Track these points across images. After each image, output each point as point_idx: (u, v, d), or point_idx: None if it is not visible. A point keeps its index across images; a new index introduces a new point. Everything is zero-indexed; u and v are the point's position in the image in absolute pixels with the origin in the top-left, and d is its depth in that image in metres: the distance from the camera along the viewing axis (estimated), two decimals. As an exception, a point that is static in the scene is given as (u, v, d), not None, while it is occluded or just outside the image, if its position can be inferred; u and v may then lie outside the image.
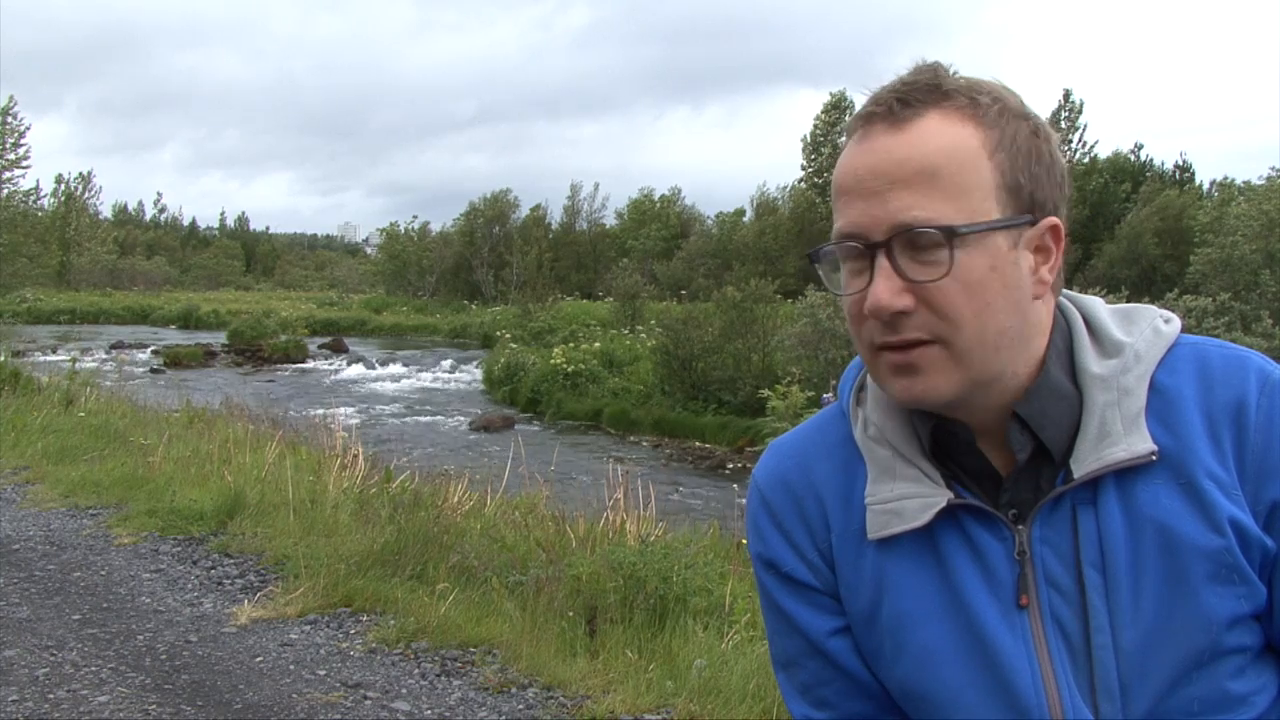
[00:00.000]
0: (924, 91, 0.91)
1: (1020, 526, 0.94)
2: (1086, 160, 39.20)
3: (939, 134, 0.89)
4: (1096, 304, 1.01)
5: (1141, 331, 0.96)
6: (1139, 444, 0.90)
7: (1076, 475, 0.91)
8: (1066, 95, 41.01)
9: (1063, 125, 39.99)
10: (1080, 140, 40.19)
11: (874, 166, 0.90)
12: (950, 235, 0.87)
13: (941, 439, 0.97)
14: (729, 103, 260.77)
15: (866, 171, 0.90)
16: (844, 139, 0.96)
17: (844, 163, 0.94)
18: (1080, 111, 40.78)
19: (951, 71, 0.93)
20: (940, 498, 0.95)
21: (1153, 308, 1.01)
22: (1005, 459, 0.96)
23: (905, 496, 0.96)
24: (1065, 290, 1.01)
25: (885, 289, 0.88)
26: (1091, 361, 0.95)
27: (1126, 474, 0.91)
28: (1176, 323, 0.98)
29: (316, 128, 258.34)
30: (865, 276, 0.91)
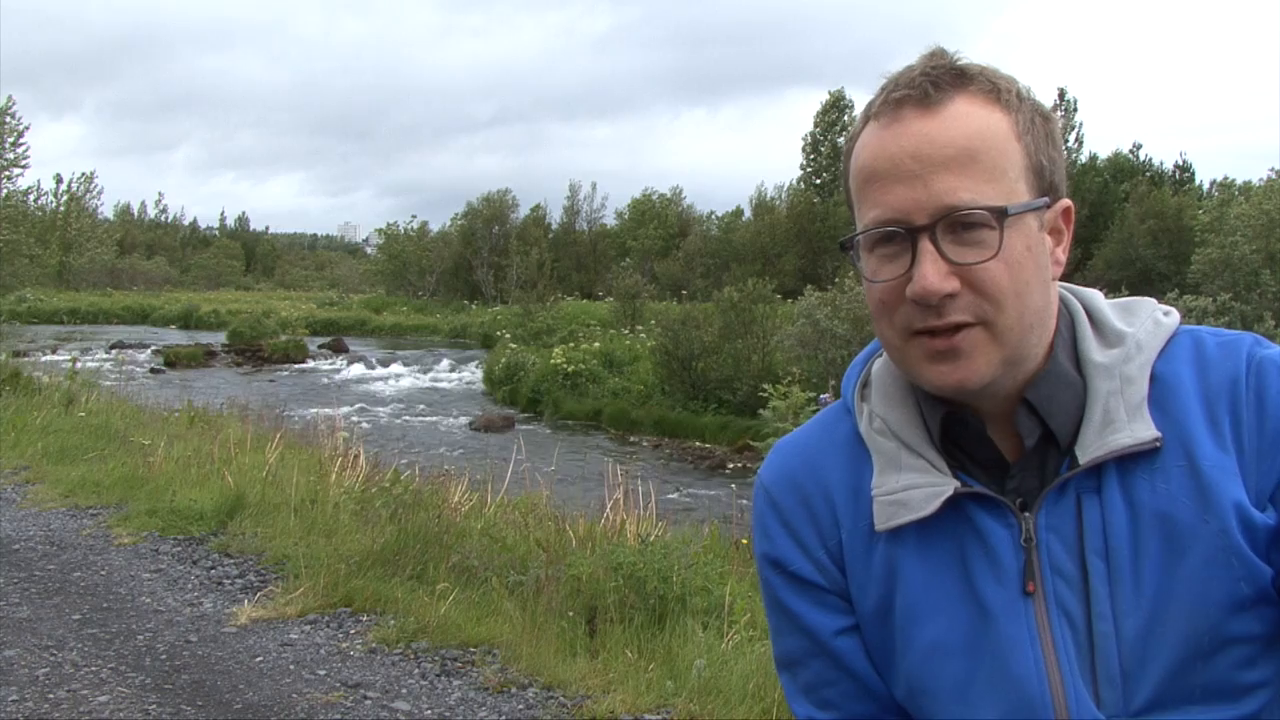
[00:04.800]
0: (950, 75, 0.91)
1: (1026, 514, 0.94)
2: (1085, 159, 39.24)
3: (972, 116, 0.89)
4: (1096, 296, 1.02)
5: (1142, 322, 0.97)
6: (1142, 431, 0.91)
7: (1081, 462, 0.92)
8: (1062, 94, 41.02)
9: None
10: (1076, 138, 40.21)
11: (912, 150, 0.89)
12: (1002, 215, 0.87)
13: (950, 427, 0.97)
14: (744, 105, 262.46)
15: (904, 154, 0.89)
16: (861, 124, 0.95)
17: (872, 146, 0.92)
18: (1075, 110, 40.82)
19: (959, 57, 0.94)
20: (947, 486, 0.95)
21: (1152, 300, 1.02)
22: (1012, 445, 0.96)
23: (911, 486, 0.96)
24: (1066, 284, 1.02)
25: (934, 273, 0.87)
26: (1095, 350, 0.96)
27: (1129, 461, 0.91)
28: (1175, 315, 0.99)
29: (332, 129, 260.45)
30: (900, 263, 0.90)
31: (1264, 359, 0.92)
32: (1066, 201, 0.96)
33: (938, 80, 0.90)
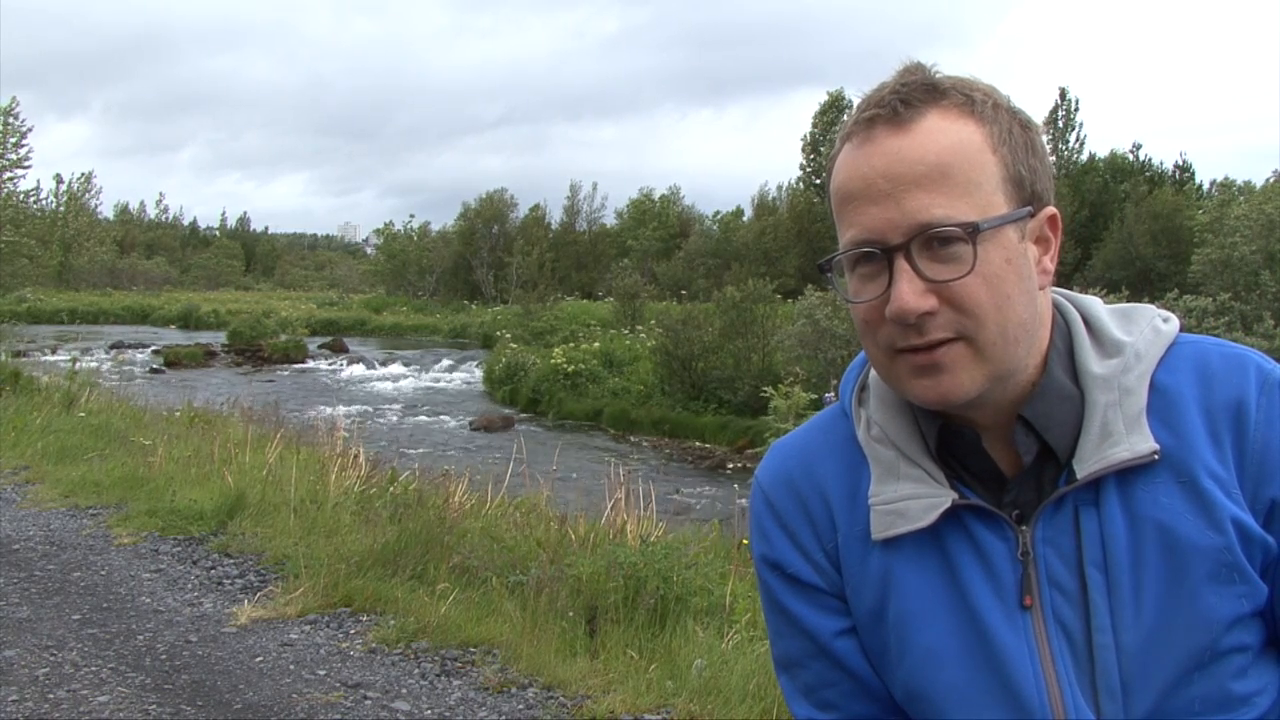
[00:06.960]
0: (921, 91, 0.90)
1: (1023, 527, 0.93)
2: (1084, 159, 39.24)
3: (944, 132, 0.89)
4: (1095, 304, 1.01)
5: (1141, 331, 0.96)
6: (1141, 444, 0.90)
7: (1079, 476, 0.91)
8: (1063, 94, 41.03)
9: (1059, 124, 40.02)
10: (1077, 138, 40.21)
11: (884, 169, 0.89)
12: (974, 231, 0.87)
13: (947, 439, 0.97)
14: (751, 105, 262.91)
15: (876, 174, 0.89)
16: (839, 146, 0.95)
17: (847, 167, 0.92)
18: (1076, 109, 40.83)
19: (934, 71, 0.93)
20: (944, 498, 0.94)
21: (1151, 307, 1.01)
22: (1009, 458, 0.95)
23: (909, 497, 0.96)
24: (1064, 290, 1.02)
25: (909, 291, 0.87)
26: (1092, 361, 0.95)
27: (1128, 474, 0.91)
28: (1175, 322, 0.98)
29: (338, 129, 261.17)
30: (879, 282, 0.90)
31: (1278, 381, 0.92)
32: (1051, 210, 0.95)
33: (908, 97, 0.90)
